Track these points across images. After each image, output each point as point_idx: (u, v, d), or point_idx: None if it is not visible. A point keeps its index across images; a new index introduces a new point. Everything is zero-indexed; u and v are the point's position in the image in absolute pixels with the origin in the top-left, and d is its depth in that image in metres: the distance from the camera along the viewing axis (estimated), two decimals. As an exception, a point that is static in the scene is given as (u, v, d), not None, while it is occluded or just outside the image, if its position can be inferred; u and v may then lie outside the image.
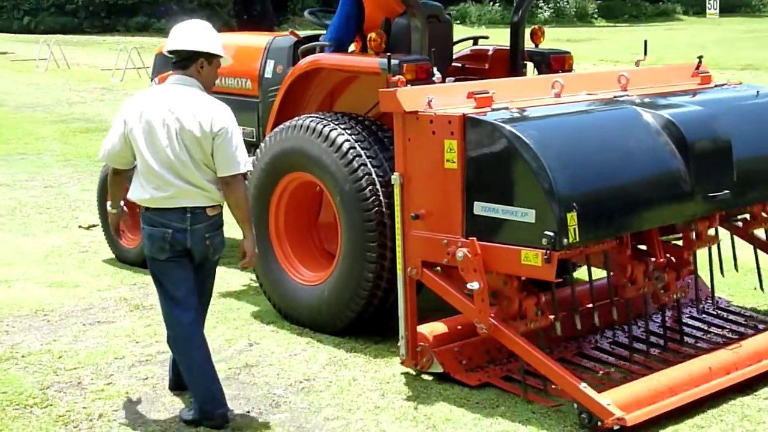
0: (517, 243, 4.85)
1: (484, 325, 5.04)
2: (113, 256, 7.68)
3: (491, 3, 48.71)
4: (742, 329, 5.99)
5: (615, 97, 5.73)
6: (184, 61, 4.81)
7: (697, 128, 5.41)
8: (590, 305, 5.54)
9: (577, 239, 4.77)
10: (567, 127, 5.21)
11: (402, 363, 5.46)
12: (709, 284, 6.22)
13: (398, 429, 4.79)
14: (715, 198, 5.40)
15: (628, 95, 5.77)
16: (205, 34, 4.86)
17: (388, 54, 5.64)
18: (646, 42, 6.94)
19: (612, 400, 4.75)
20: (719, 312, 6.26)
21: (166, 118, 4.68)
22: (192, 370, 4.86)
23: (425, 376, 5.35)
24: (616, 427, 4.65)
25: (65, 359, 5.75)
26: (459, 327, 5.46)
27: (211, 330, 5.90)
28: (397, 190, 5.27)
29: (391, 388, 5.26)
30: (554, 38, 34.38)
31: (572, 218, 4.73)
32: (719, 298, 6.43)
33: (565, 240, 4.71)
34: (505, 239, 4.91)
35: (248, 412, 5.01)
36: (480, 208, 4.99)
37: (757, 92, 6.24)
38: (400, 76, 5.41)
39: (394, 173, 5.28)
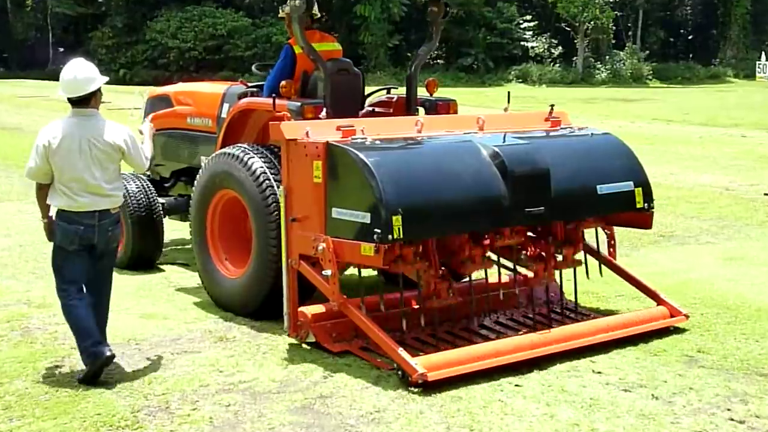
0: (358, 239, 5.96)
1: (336, 303, 6.18)
2: (201, 290, 7.75)
3: (551, 63, 49.56)
4: (568, 319, 6.89)
5: (464, 133, 6.82)
6: (85, 100, 5.93)
7: (518, 159, 6.39)
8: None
9: (401, 236, 5.85)
10: (405, 154, 6.35)
11: (288, 335, 6.56)
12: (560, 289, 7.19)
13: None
14: (531, 213, 6.41)
15: (475, 133, 6.84)
16: (93, 73, 5.93)
17: (273, 96, 6.93)
18: (509, 92, 8.08)
19: (421, 362, 5.76)
20: (563, 309, 7.11)
21: (82, 143, 5.87)
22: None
23: (490, 411, 5.42)
24: (420, 381, 5.64)
25: (154, 385, 5.84)
26: (334, 308, 6.30)
27: (288, 362, 6.20)
28: (282, 200, 6.43)
29: (456, 422, 5.26)
30: (610, 97, 35.38)
31: (397, 220, 5.82)
32: (567, 300, 7.22)
33: (390, 236, 5.80)
34: (351, 236, 6.02)
35: (322, 440, 5.10)
36: (335, 212, 6.12)
37: (591, 134, 7.28)
38: (286, 113, 6.68)
39: (280, 187, 6.48)
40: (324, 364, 6.19)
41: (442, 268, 6.52)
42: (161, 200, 8.72)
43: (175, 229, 9.97)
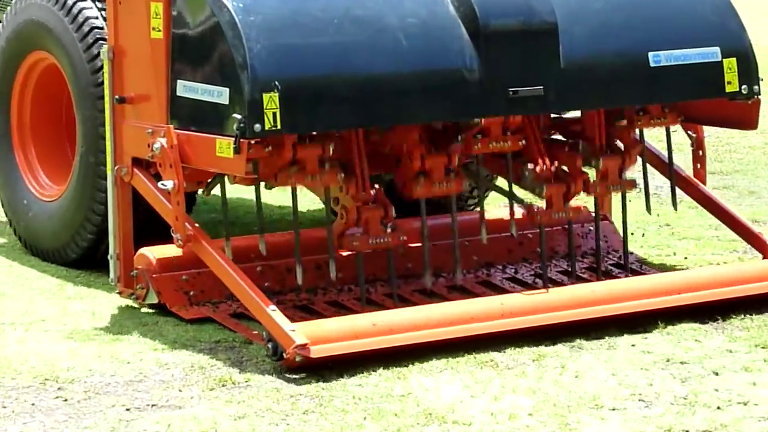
0: (213, 131, 5.53)
1: (180, 235, 5.73)
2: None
3: None
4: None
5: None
6: None
7: (499, 5, 5.99)
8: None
9: (278, 126, 5.38)
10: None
11: (119, 293, 6.16)
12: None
13: None
14: (519, 95, 5.95)
15: None
16: None
17: None
18: None
19: (303, 330, 5.32)
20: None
21: None
22: None
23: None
24: (297, 357, 5.20)
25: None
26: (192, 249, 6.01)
27: (302, 420, 4.93)
28: (106, 67, 5.98)
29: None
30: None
31: (271, 100, 5.36)
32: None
33: (258, 126, 5.33)
34: (203, 126, 5.60)
35: None
36: (182, 87, 5.67)
37: None
38: None
39: (104, 46, 6.02)
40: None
41: (375, 185, 6.19)
42: None
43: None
